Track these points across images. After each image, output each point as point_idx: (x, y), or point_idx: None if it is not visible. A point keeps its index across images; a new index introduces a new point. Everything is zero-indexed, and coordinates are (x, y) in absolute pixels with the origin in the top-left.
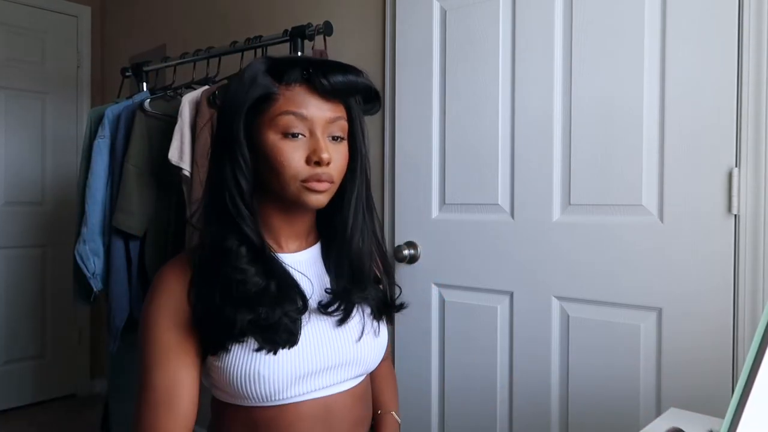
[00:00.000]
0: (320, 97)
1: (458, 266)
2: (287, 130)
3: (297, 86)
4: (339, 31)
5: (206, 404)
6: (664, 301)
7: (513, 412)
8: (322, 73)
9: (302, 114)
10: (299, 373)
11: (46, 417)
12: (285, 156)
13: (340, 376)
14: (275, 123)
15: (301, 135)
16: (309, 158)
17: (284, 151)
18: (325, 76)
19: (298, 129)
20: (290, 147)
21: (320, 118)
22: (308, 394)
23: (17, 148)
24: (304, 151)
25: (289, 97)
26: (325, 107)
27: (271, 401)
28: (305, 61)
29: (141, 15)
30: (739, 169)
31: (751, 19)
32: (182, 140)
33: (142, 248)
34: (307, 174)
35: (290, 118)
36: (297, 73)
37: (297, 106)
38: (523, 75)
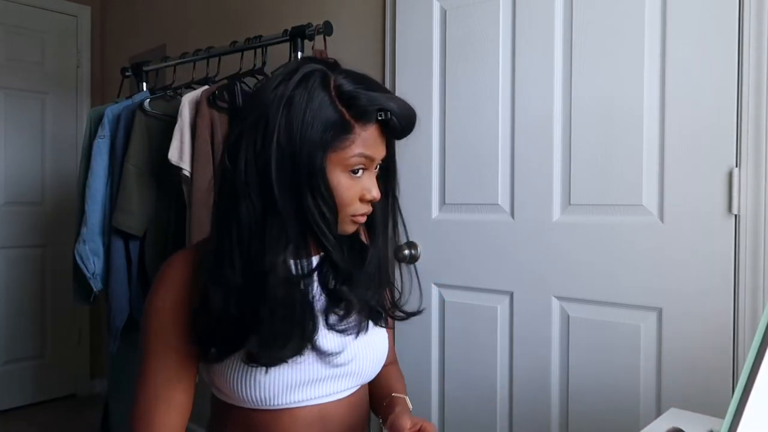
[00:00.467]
0: (384, 136)
1: (458, 266)
2: (354, 168)
3: (371, 126)
4: (339, 31)
5: (206, 403)
6: (664, 301)
7: (513, 412)
8: (396, 114)
9: (372, 156)
10: (295, 381)
11: (46, 417)
12: (346, 194)
13: (336, 387)
14: (347, 162)
15: (361, 170)
16: (363, 196)
17: (346, 189)
18: (399, 118)
19: (363, 166)
20: (351, 184)
21: (379, 157)
22: (306, 401)
23: (17, 148)
24: (359, 188)
25: (364, 138)
26: (383, 146)
27: (267, 406)
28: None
29: (141, 15)
30: (739, 169)
31: (751, 19)
32: (182, 140)
33: (142, 248)
34: (358, 210)
35: (362, 160)
36: (374, 114)
37: (369, 149)
38: (523, 75)
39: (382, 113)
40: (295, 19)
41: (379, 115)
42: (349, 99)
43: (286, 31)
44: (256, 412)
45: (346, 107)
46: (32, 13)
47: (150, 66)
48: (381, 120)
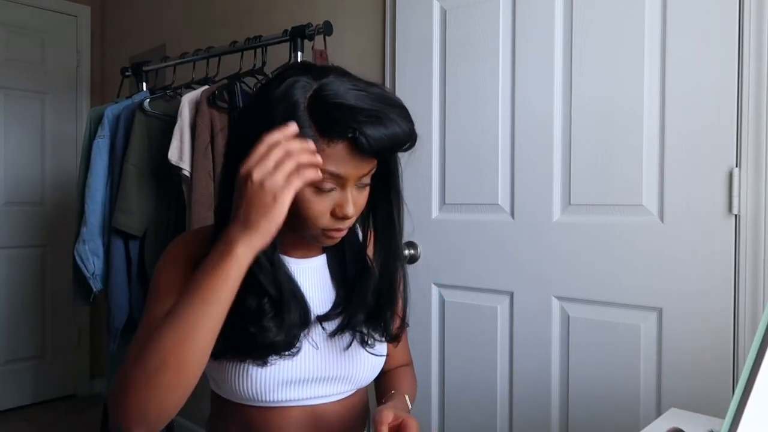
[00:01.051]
0: (360, 156)
1: (458, 266)
2: (321, 186)
3: (339, 143)
4: (339, 30)
5: (206, 404)
6: (664, 301)
7: (513, 412)
8: (364, 133)
9: (339, 174)
10: (287, 378)
11: (46, 417)
12: (313, 209)
13: (330, 389)
14: None
15: (332, 189)
16: (334, 211)
17: (313, 205)
18: (369, 138)
19: (331, 185)
20: (319, 200)
21: (353, 175)
22: (298, 401)
23: (17, 148)
24: (330, 203)
25: (329, 154)
26: (360, 163)
27: (260, 402)
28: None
29: (141, 15)
30: (739, 169)
31: (751, 19)
32: (182, 140)
33: (141, 248)
34: (329, 225)
35: (326, 177)
36: (342, 130)
37: (336, 166)
38: (523, 75)
39: (349, 131)
40: (295, 19)
41: (348, 133)
42: (320, 112)
43: (286, 31)
44: (250, 409)
45: (316, 120)
46: (32, 13)
47: (150, 66)
48: (351, 138)
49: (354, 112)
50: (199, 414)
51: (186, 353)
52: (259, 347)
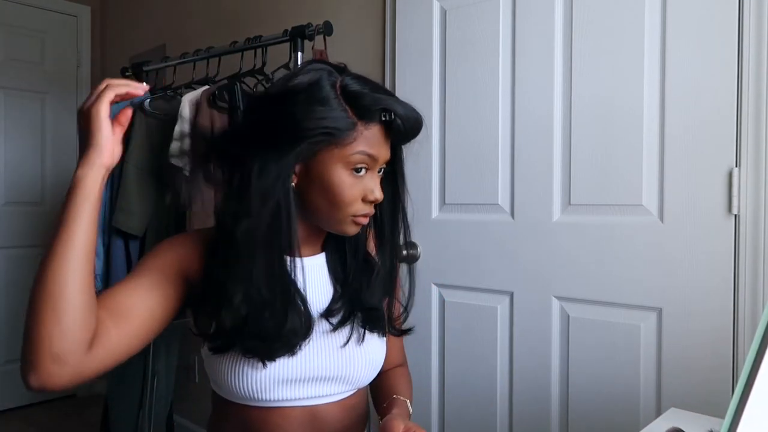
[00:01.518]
0: (388, 138)
1: (458, 266)
2: (357, 167)
3: (375, 125)
4: (339, 31)
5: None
6: (664, 301)
7: (513, 412)
8: (399, 114)
9: (375, 155)
10: (285, 377)
11: (46, 417)
12: (348, 192)
13: (329, 389)
14: (348, 159)
15: (364, 170)
16: (366, 196)
17: (348, 187)
18: (402, 119)
19: (366, 166)
20: (353, 182)
21: (383, 158)
22: (296, 400)
23: (17, 148)
24: (362, 188)
25: (367, 136)
26: (387, 147)
27: (258, 401)
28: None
29: (141, 15)
30: (739, 169)
31: (751, 19)
32: (182, 140)
33: (142, 248)
34: (360, 211)
35: (363, 158)
36: (377, 113)
37: (372, 147)
38: (523, 75)
39: (386, 114)
40: (295, 19)
41: (383, 116)
42: (354, 98)
43: (286, 31)
44: (250, 409)
45: (350, 105)
46: (32, 13)
47: (150, 66)
48: (385, 121)
49: (382, 97)
50: (199, 414)
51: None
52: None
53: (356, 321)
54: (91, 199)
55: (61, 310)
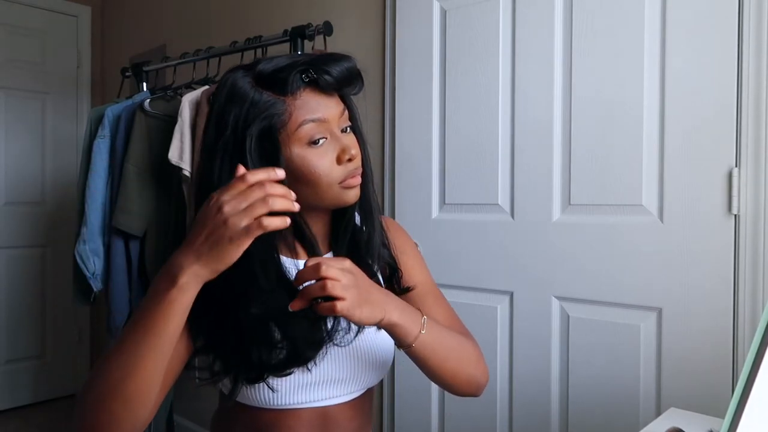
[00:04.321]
0: (326, 95)
1: (458, 266)
2: (311, 138)
3: (302, 92)
4: (339, 31)
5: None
6: (664, 301)
7: (513, 412)
8: (321, 69)
9: (320, 118)
10: (300, 382)
11: (46, 417)
12: (318, 165)
13: (339, 391)
14: (297, 136)
15: (322, 139)
16: (339, 158)
17: (315, 160)
18: (327, 72)
19: (321, 134)
20: (318, 154)
21: (333, 116)
22: (308, 403)
23: (17, 148)
24: (332, 153)
25: (301, 105)
26: (332, 104)
27: (270, 405)
28: (295, 63)
29: (141, 15)
30: (739, 169)
31: (751, 19)
32: (182, 140)
33: (142, 248)
34: (342, 174)
35: (311, 126)
36: (298, 78)
37: (312, 111)
38: (523, 75)
39: (304, 75)
40: (295, 19)
41: (303, 78)
42: (269, 79)
43: (286, 31)
44: (260, 411)
45: (269, 88)
46: (32, 13)
47: (150, 66)
48: (310, 81)
49: (296, 63)
50: (199, 414)
51: (132, 386)
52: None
53: None
54: (189, 303)
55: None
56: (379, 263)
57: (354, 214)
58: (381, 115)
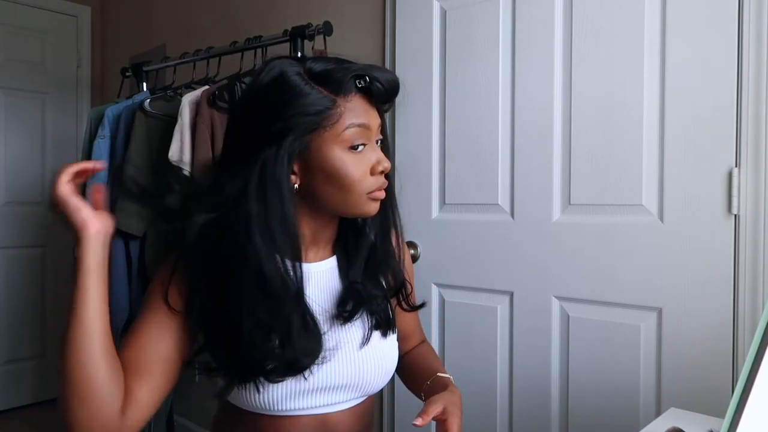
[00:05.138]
0: (371, 104)
1: (458, 266)
2: (354, 143)
3: (354, 96)
4: (339, 31)
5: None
6: (664, 301)
7: (513, 412)
8: (375, 78)
9: (366, 124)
10: (299, 389)
11: (46, 417)
12: (354, 171)
13: (340, 397)
14: (341, 137)
15: (362, 146)
16: (374, 168)
17: (352, 166)
18: (379, 81)
19: (362, 140)
20: (356, 160)
21: (375, 125)
22: (309, 409)
23: (17, 148)
24: (367, 162)
25: (351, 108)
26: (375, 114)
27: (269, 411)
28: (350, 67)
29: (141, 15)
30: (739, 169)
31: (751, 19)
32: (182, 140)
33: (142, 248)
34: (374, 185)
35: (356, 131)
36: (352, 82)
37: (360, 117)
38: (523, 75)
39: (360, 80)
40: (295, 19)
41: (357, 83)
42: (323, 77)
43: (286, 31)
44: (259, 416)
45: (323, 85)
46: (32, 13)
47: (150, 66)
48: (363, 87)
49: (351, 66)
50: (199, 414)
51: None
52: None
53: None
54: (94, 271)
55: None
56: (386, 276)
57: (369, 224)
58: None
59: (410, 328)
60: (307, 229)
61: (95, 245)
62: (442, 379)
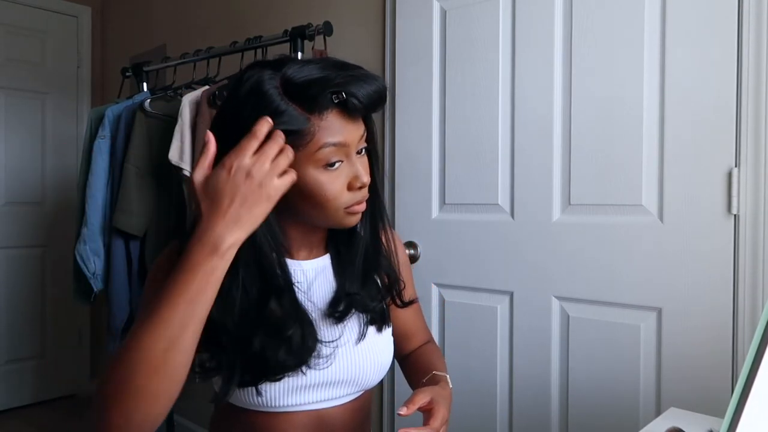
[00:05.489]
0: (350, 118)
1: (458, 266)
2: (329, 161)
3: (330, 112)
4: (339, 31)
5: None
6: (664, 301)
7: (513, 412)
8: (351, 93)
9: (341, 142)
10: (295, 385)
11: (46, 417)
12: (329, 189)
13: (336, 392)
14: (315, 158)
15: (338, 162)
16: (351, 184)
17: (327, 184)
18: (356, 96)
19: (338, 157)
20: (331, 178)
21: (354, 140)
22: (305, 405)
23: (17, 148)
24: (344, 178)
25: (326, 126)
26: (354, 127)
27: (267, 408)
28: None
29: (141, 15)
30: (738, 169)
31: (750, 19)
32: (182, 140)
33: (142, 248)
34: (351, 200)
35: (331, 150)
36: (327, 99)
37: (336, 135)
38: (523, 75)
39: (336, 96)
40: (295, 19)
41: (333, 98)
42: (298, 92)
43: (286, 31)
44: (255, 413)
45: (297, 102)
46: (32, 13)
47: (150, 66)
48: (340, 102)
49: (328, 80)
50: (199, 414)
51: (176, 358)
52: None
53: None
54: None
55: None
56: (380, 274)
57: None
58: (381, 115)
59: (413, 327)
60: (295, 231)
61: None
62: (437, 376)
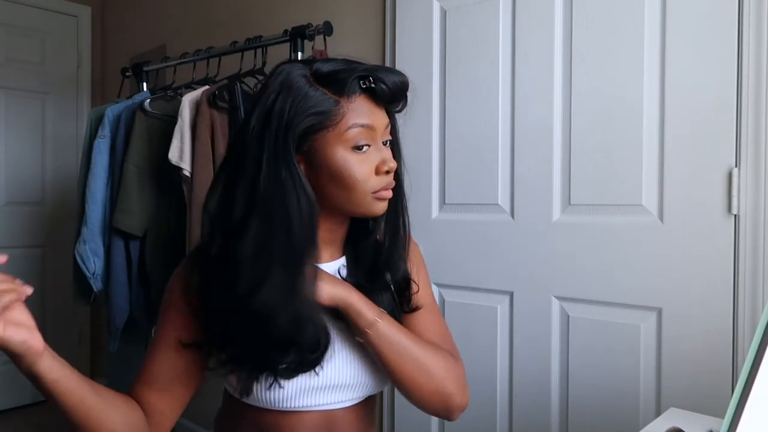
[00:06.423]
0: (377, 104)
1: (458, 266)
2: (357, 143)
3: (358, 97)
4: (339, 31)
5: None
6: (663, 301)
7: (513, 412)
8: (379, 78)
9: (369, 125)
10: (306, 386)
11: (46, 417)
12: (358, 170)
13: (345, 395)
14: (344, 138)
15: (366, 146)
16: (378, 168)
17: (356, 165)
18: (384, 82)
19: (366, 140)
20: (360, 160)
21: (381, 125)
22: (314, 406)
23: (17, 148)
24: (372, 162)
25: (354, 108)
26: (381, 114)
27: (277, 407)
28: (355, 68)
29: (141, 15)
30: (738, 169)
31: (750, 19)
32: (182, 140)
33: (142, 248)
34: (378, 185)
35: (359, 131)
36: (356, 83)
37: (364, 117)
38: (523, 75)
39: (363, 81)
40: (295, 19)
41: (362, 84)
42: (328, 78)
43: (287, 31)
44: (265, 412)
45: (327, 86)
46: (32, 13)
47: (150, 66)
48: (368, 88)
49: (356, 67)
50: (199, 413)
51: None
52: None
53: None
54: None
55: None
56: (394, 277)
57: (378, 224)
58: None
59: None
60: (322, 230)
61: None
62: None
